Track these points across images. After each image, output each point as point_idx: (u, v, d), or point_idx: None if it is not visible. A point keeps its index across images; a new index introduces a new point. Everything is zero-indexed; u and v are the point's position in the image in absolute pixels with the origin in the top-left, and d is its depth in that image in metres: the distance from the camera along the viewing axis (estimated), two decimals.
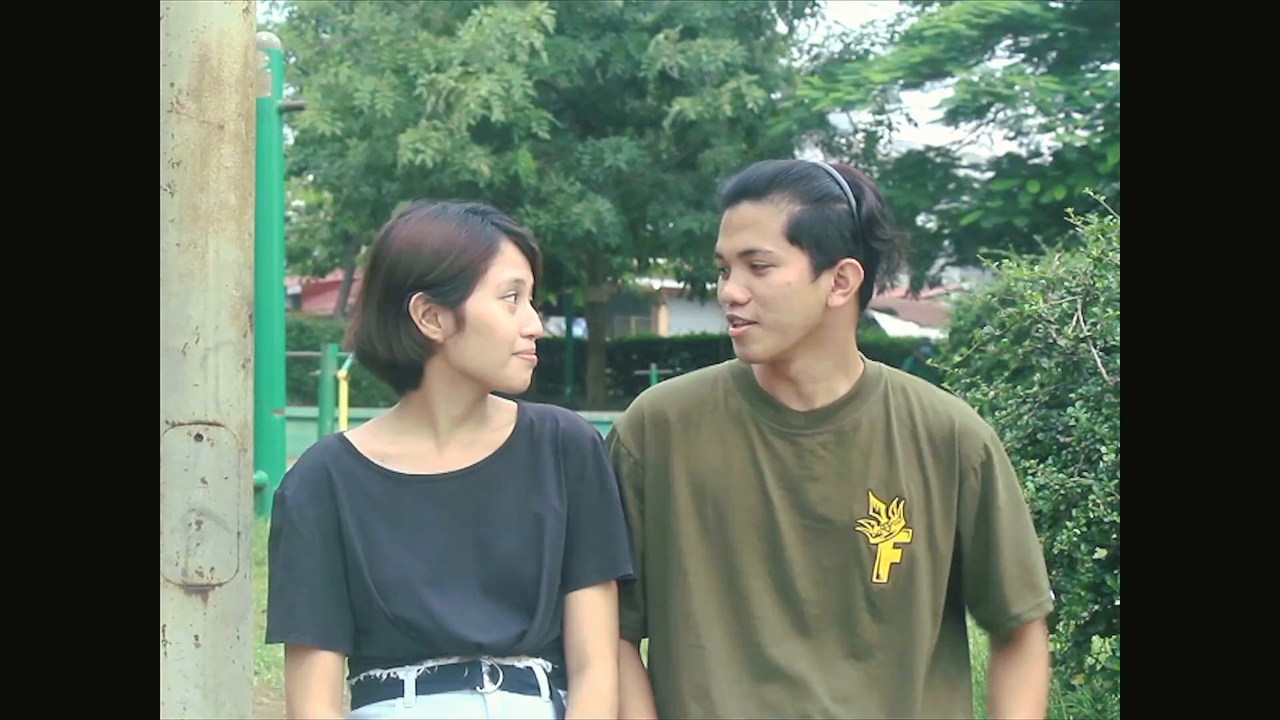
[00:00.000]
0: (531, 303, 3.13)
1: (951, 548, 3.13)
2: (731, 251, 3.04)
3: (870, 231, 3.02)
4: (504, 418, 3.20)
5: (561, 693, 3.10)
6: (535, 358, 3.10)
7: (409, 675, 3.02)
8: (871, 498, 3.06)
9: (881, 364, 3.22)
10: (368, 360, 3.10)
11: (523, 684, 3.06)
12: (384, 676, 3.04)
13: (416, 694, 3.01)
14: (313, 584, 3.02)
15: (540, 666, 3.09)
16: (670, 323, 51.42)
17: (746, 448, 3.12)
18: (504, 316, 3.03)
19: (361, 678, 3.08)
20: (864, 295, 3.10)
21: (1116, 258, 5.39)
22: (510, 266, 3.05)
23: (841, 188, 3.02)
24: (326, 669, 3.01)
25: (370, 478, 3.08)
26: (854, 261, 3.03)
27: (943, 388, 3.32)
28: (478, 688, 3.01)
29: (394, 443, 3.13)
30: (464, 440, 3.13)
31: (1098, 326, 5.26)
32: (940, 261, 30.52)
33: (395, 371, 3.08)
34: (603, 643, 3.10)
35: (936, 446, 3.11)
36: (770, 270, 2.99)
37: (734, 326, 3.06)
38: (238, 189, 3.55)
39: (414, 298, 2.99)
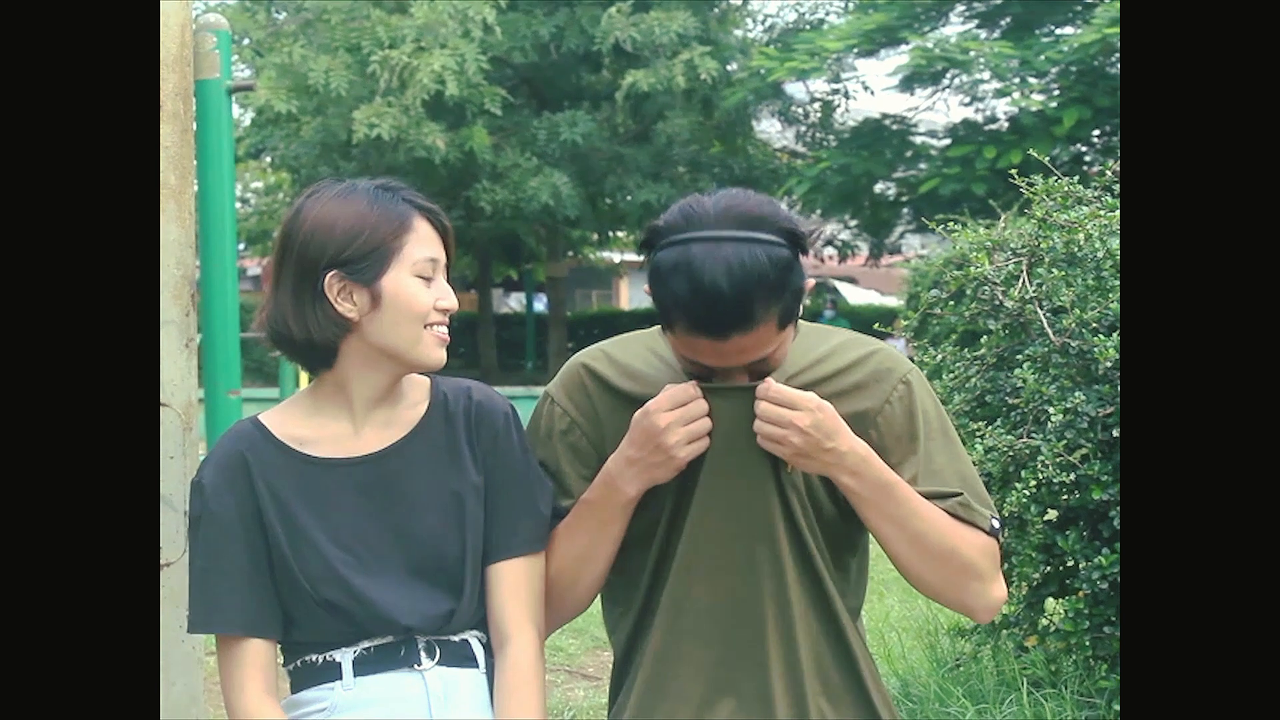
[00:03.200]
0: (450, 279, 3.09)
1: None
2: (735, 366, 2.98)
3: (807, 251, 2.97)
4: (418, 394, 3.15)
5: None
6: (448, 336, 3.06)
7: (345, 657, 2.99)
8: None
9: (802, 321, 3.22)
10: (281, 341, 3.02)
11: (460, 657, 3.04)
12: (320, 660, 3.01)
13: (355, 675, 2.98)
14: (235, 571, 2.97)
15: (476, 638, 3.07)
16: (631, 295, 51.47)
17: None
18: (419, 291, 2.98)
19: (298, 663, 3.04)
20: None
21: (1061, 218, 5.41)
22: (424, 244, 3.00)
23: (780, 244, 2.90)
24: (257, 656, 2.97)
25: (287, 463, 3.02)
26: (809, 280, 3.01)
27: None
28: (415, 665, 2.99)
29: (309, 425, 3.07)
30: (380, 420, 3.08)
31: (1043, 287, 5.29)
32: (899, 229, 30.57)
33: (310, 352, 3.02)
34: (521, 615, 3.08)
35: (849, 375, 3.11)
36: (774, 356, 2.98)
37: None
38: (177, 168, 3.55)
39: (329, 276, 2.93)
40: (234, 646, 2.97)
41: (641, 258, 3.08)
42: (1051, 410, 4.98)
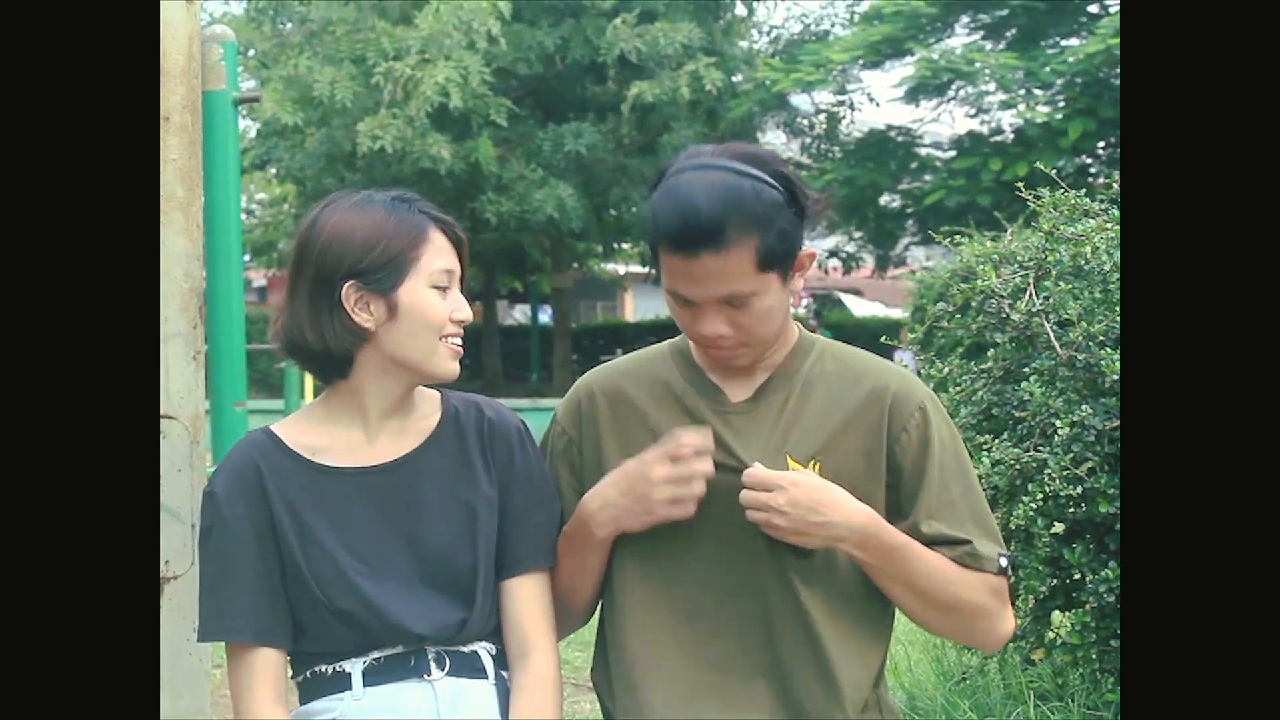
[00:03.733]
0: (462, 290, 3.10)
1: (884, 507, 3.05)
2: (707, 298, 2.94)
3: (805, 210, 2.98)
4: (429, 406, 3.16)
5: (504, 674, 3.09)
6: (461, 348, 3.07)
7: (355, 667, 2.98)
8: (789, 461, 3.02)
9: (818, 335, 3.19)
10: (296, 351, 3.02)
11: (470, 668, 3.04)
12: (330, 671, 3.00)
13: (364, 686, 2.97)
14: (247, 580, 2.96)
15: (485, 650, 3.07)
16: (636, 307, 51.43)
17: (678, 426, 3.07)
18: (436, 303, 2.98)
19: (308, 674, 3.03)
20: None
21: (1068, 231, 5.41)
22: (441, 255, 3.01)
23: (774, 186, 2.94)
24: (268, 665, 2.96)
25: (300, 472, 3.02)
26: (810, 250, 3.01)
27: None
28: (425, 675, 2.99)
29: (322, 434, 3.07)
30: (393, 430, 3.09)
31: (1050, 300, 5.28)
32: (904, 241, 30.58)
33: (326, 361, 3.01)
34: (544, 629, 3.10)
35: (865, 408, 3.06)
36: (751, 300, 2.93)
37: (718, 350, 3.02)
38: (185, 181, 3.54)
39: (346, 286, 2.93)
40: (245, 656, 2.96)
41: (646, 269, 3.08)
42: (1058, 423, 4.96)
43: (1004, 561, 3.08)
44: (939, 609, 3.07)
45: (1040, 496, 4.96)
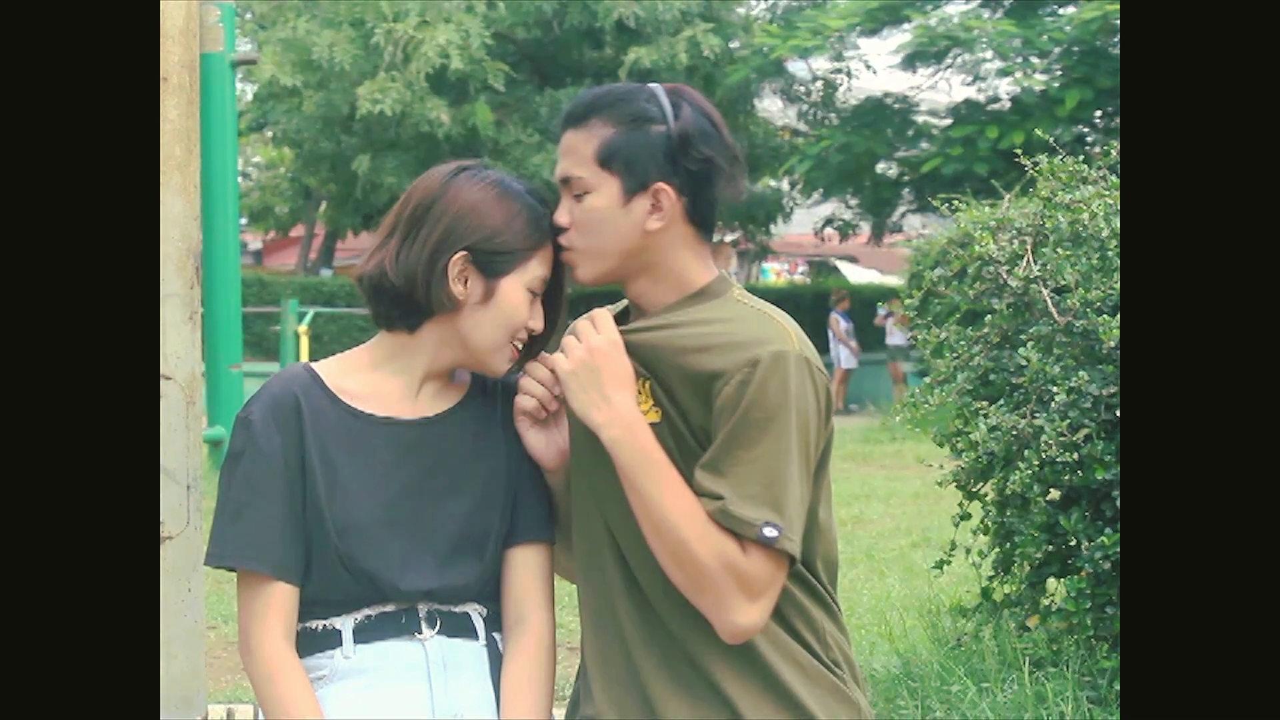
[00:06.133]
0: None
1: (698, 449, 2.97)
2: (557, 179, 3.05)
3: (684, 152, 2.97)
4: (462, 374, 3.20)
5: (496, 635, 3.13)
6: (519, 352, 3.11)
7: (345, 625, 3.00)
8: (638, 380, 3.02)
9: (737, 289, 3.10)
10: (388, 291, 3.03)
11: (460, 628, 3.07)
12: (320, 627, 3.01)
13: (355, 643, 2.99)
14: (273, 511, 2.95)
15: (476, 611, 3.10)
16: None
17: None
18: (524, 305, 3.05)
19: (297, 630, 3.02)
20: (699, 217, 3.04)
21: (1066, 198, 5.41)
22: (546, 264, 3.07)
23: (660, 108, 2.99)
24: (284, 601, 2.96)
25: (337, 414, 3.04)
26: (665, 185, 2.98)
27: None
28: (416, 634, 3.02)
29: (364, 381, 3.09)
30: (431, 390, 3.12)
31: (1047, 267, 5.29)
32: (901, 209, 30.55)
33: (411, 310, 3.04)
34: (542, 597, 3.15)
35: (714, 356, 2.93)
36: (585, 196, 2.99)
37: (564, 249, 3.07)
38: (183, 141, 3.53)
39: (459, 255, 2.98)
40: (261, 588, 2.96)
41: None
42: (1055, 390, 4.98)
43: (768, 532, 2.84)
44: (668, 551, 2.90)
45: (1036, 463, 4.98)
